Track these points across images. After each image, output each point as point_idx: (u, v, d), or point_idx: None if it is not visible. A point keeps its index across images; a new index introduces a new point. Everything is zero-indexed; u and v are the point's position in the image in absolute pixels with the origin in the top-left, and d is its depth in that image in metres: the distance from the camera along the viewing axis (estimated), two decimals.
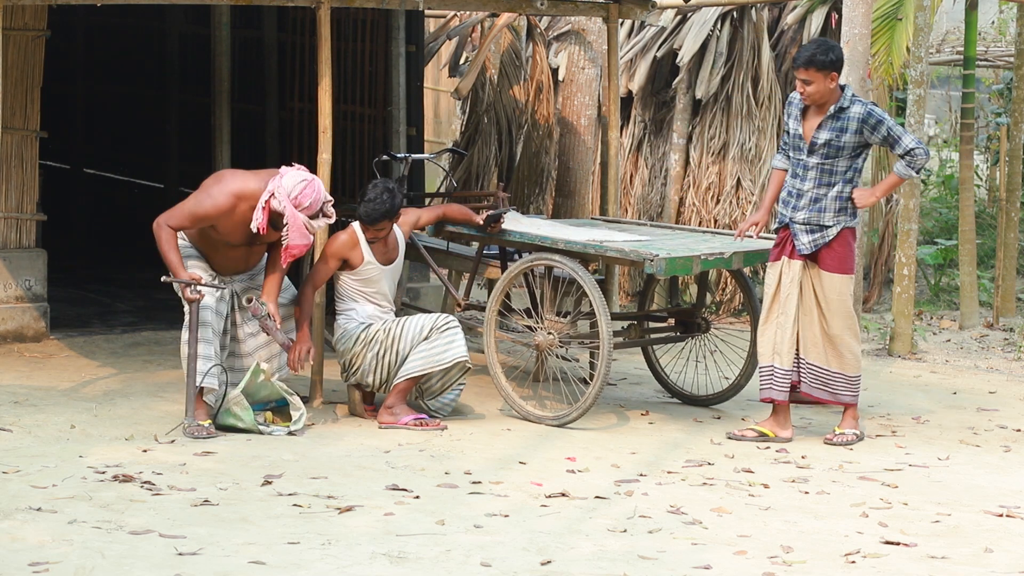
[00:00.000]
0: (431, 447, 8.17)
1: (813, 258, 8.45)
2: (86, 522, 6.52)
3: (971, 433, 9.02)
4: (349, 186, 11.66)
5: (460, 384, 8.79)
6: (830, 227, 8.42)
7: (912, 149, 8.36)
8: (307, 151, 11.84)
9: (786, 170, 8.61)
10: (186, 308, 8.23)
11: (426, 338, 8.62)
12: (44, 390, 9.04)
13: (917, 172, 8.50)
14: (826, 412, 9.32)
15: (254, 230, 8.18)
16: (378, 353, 8.63)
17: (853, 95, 8.44)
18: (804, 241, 8.44)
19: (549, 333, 8.79)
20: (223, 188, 8.27)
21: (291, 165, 8.44)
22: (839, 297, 8.45)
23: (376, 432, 8.47)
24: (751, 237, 8.78)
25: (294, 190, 8.18)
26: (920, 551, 6.60)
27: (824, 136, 8.34)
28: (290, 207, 8.13)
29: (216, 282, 8.34)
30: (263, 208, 8.15)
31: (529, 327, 8.92)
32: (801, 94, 8.40)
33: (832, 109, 8.35)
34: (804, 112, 8.46)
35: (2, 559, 6.00)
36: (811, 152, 8.39)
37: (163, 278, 8.24)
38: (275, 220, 8.18)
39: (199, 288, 8.17)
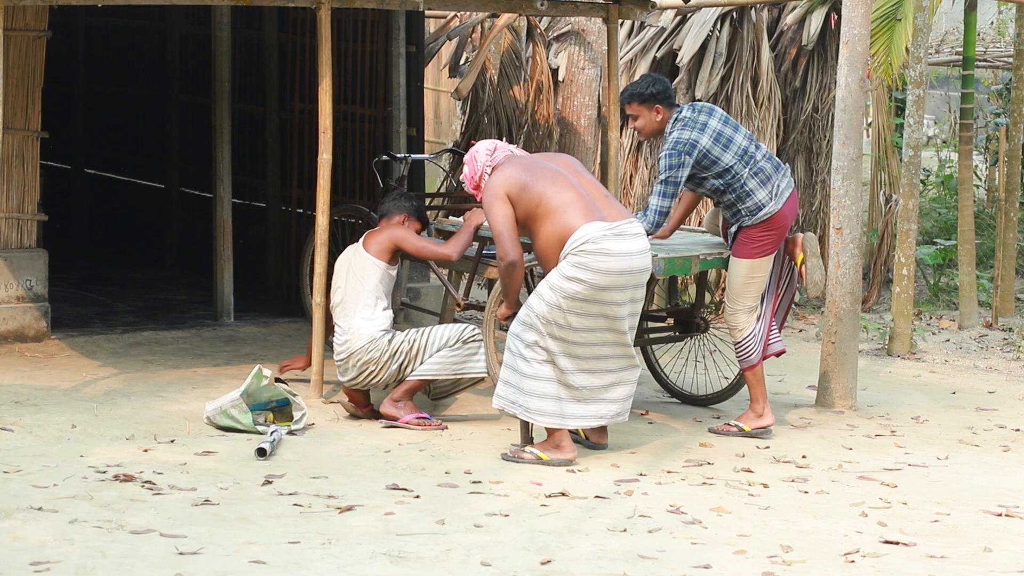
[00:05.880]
0: (431, 447, 8.18)
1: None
2: (87, 521, 6.53)
3: (970, 433, 9.03)
4: (349, 186, 11.68)
5: None
6: (731, 227, 8.80)
7: (647, 208, 8.57)
8: (307, 151, 11.87)
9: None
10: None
11: (450, 346, 8.64)
12: (45, 390, 9.05)
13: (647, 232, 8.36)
14: (826, 412, 9.34)
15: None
16: (401, 364, 8.64)
17: (678, 120, 8.60)
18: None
19: None
20: (490, 192, 8.00)
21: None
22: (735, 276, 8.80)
23: (376, 432, 8.48)
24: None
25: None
26: (919, 550, 6.61)
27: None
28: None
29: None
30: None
31: None
32: (633, 129, 8.72)
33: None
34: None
35: (3, 558, 6.01)
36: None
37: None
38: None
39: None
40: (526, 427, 8.11)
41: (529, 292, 9.21)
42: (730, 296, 8.80)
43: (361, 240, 8.85)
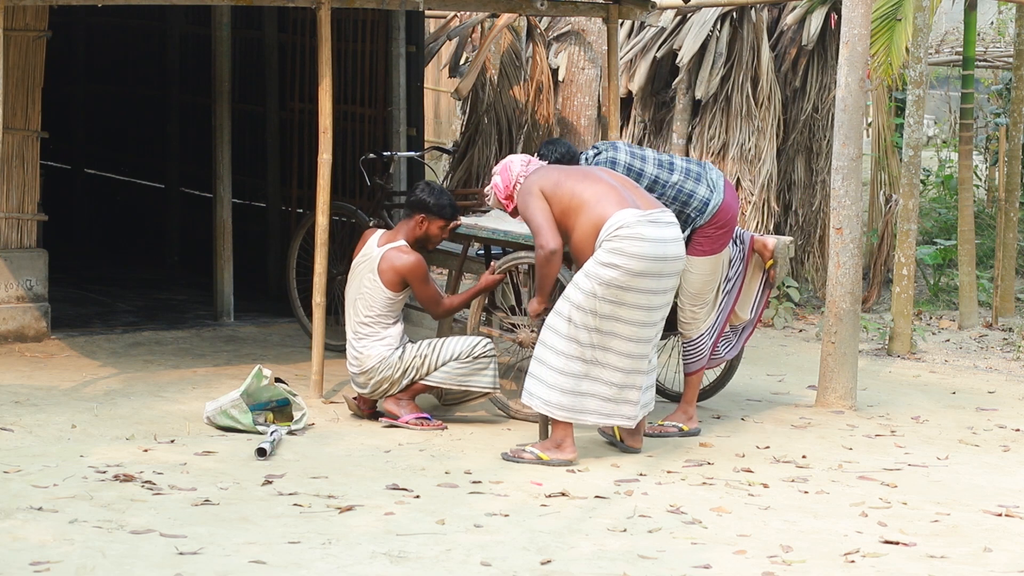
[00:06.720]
0: (431, 447, 8.19)
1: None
2: (87, 521, 6.54)
3: (970, 433, 9.03)
4: (349, 187, 11.68)
5: None
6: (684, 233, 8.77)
7: None
8: (307, 151, 11.87)
9: None
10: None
11: (460, 359, 8.62)
12: (45, 390, 9.06)
13: None
14: (826, 412, 9.34)
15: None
16: (413, 379, 8.64)
17: (588, 159, 8.81)
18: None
19: (532, 330, 8.79)
20: (525, 190, 8.11)
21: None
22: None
23: (376, 432, 8.48)
24: None
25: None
26: (919, 550, 6.61)
27: None
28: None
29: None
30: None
31: (514, 324, 8.93)
32: None
33: None
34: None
35: (4, 558, 6.01)
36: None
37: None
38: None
39: None
40: (545, 422, 8.10)
41: (515, 289, 9.24)
42: (690, 296, 8.82)
43: (380, 253, 8.65)
